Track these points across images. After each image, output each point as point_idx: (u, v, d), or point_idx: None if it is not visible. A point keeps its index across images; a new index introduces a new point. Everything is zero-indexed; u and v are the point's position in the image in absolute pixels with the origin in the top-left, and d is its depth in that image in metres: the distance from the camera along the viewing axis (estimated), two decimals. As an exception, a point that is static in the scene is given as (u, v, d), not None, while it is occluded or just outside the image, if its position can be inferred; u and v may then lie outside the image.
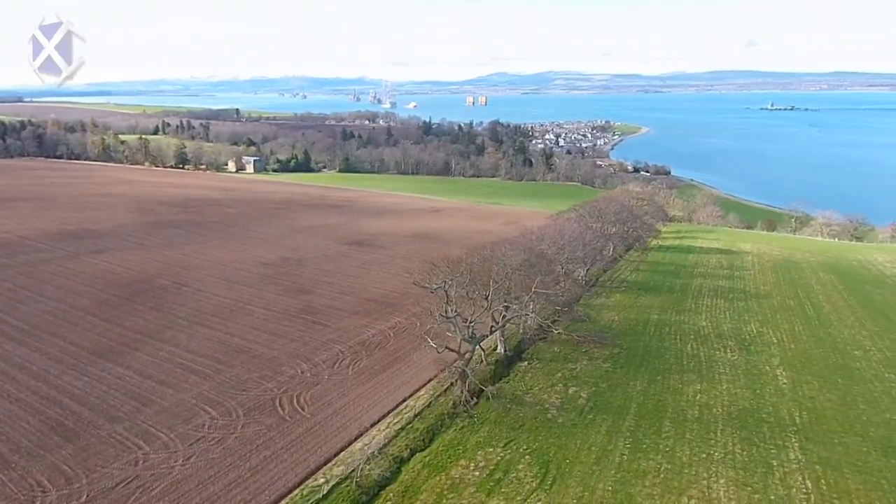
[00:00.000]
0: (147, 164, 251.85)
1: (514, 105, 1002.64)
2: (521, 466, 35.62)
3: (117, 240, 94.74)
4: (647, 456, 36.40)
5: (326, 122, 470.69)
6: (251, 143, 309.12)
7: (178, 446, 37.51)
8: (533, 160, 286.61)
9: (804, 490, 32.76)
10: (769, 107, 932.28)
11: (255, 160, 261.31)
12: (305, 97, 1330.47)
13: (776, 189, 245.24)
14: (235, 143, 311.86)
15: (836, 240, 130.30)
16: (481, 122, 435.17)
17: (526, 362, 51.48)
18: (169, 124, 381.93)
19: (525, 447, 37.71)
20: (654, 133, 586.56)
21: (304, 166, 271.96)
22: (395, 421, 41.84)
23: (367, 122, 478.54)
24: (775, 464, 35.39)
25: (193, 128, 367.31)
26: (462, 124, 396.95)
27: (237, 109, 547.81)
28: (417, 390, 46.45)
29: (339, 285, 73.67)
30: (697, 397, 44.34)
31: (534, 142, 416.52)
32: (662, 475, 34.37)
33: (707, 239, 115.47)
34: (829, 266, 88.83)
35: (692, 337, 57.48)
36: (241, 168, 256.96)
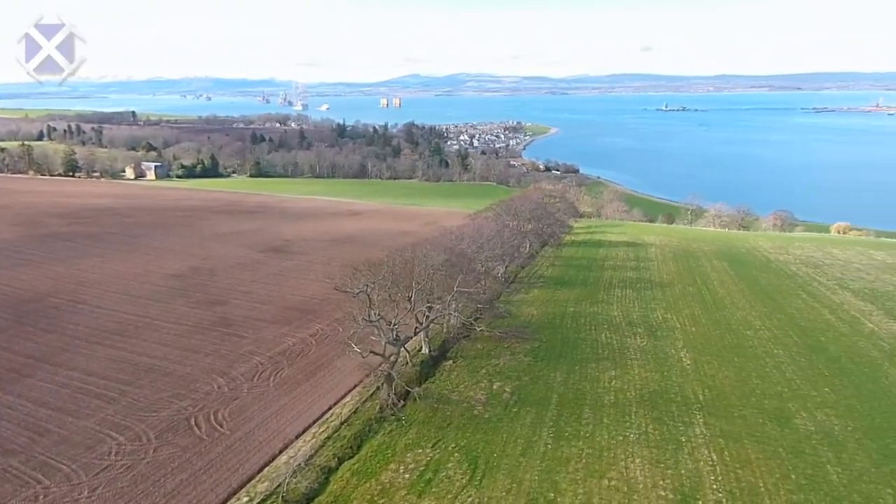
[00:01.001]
0: (32, 172, 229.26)
1: (429, 106, 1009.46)
2: (450, 465, 35.99)
3: (0, 256, 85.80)
4: (570, 443, 37.95)
5: (234, 125, 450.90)
6: (151, 147, 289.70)
7: (81, 477, 34.63)
8: (449, 161, 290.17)
9: (710, 462, 35.47)
10: (664, 108, 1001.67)
11: (156, 166, 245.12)
12: (210, 99, 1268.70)
13: (673, 184, 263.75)
14: (133, 149, 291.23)
15: (727, 229, 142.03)
16: (396, 124, 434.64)
17: (451, 361, 52.04)
18: (55, 129, 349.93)
19: (454, 445, 38.13)
20: (562, 133, 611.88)
21: (212, 171, 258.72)
22: (322, 430, 40.92)
23: (278, 124, 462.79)
24: (684, 440, 38.06)
25: (84, 132, 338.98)
26: (377, 126, 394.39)
27: (133, 112, 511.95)
28: (343, 397, 45.69)
29: (255, 294, 70.92)
30: (613, 383, 46.76)
31: (449, 143, 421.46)
32: (584, 460, 35.97)
33: (615, 233, 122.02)
34: (722, 254, 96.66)
35: (605, 326, 60.50)
36: (140, 175, 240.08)
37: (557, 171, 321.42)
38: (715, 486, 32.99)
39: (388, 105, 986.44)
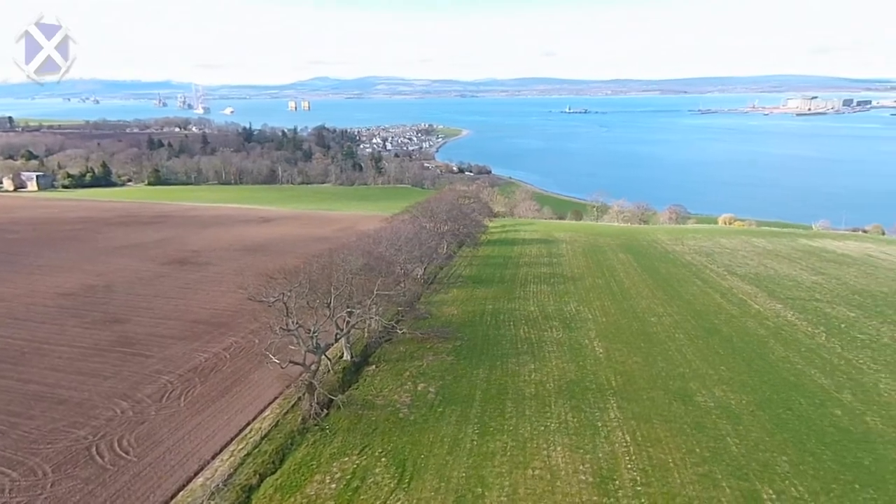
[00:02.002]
0: None
1: (339, 110, 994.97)
2: (377, 470, 35.59)
3: None
4: (495, 437, 38.74)
5: (128, 130, 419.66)
6: (32, 156, 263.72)
7: (-38, 525, 30.86)
8: (362, 164, 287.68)
9: (624, 443, 37.53)
10: (567, 110, 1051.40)
11: (38, 176, 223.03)
12: (98, 102, 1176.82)
13: (579, 182, 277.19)
14: (11, 157, 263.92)
15: (629, 224, 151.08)
16: (306, 128, 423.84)
17: (374, 366, 51.49)
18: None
19: (380, 450, 37.75)
20: (473, 135, 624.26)
21: (104, 180, 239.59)
22: (240, 448, 39.05)
23: (177, 129, 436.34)
24: (600, 425, 40.00)
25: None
26: (286, 130, 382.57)
27: (10, 118, 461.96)
28: (262, 411, 43.88)
29: (160, 310, 66.47)
30: (532, 376, 48.27)
31: (362, 146, 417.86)
32: (509, 453, 36.85)
33: (528, 231, 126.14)
34: (626, 247, 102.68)
35: (523, 322, 62.35)
36: (20, 186, 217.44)
37: (471, 172, 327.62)
38: (630, 466, 34.93)
39: (296, 108, 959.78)
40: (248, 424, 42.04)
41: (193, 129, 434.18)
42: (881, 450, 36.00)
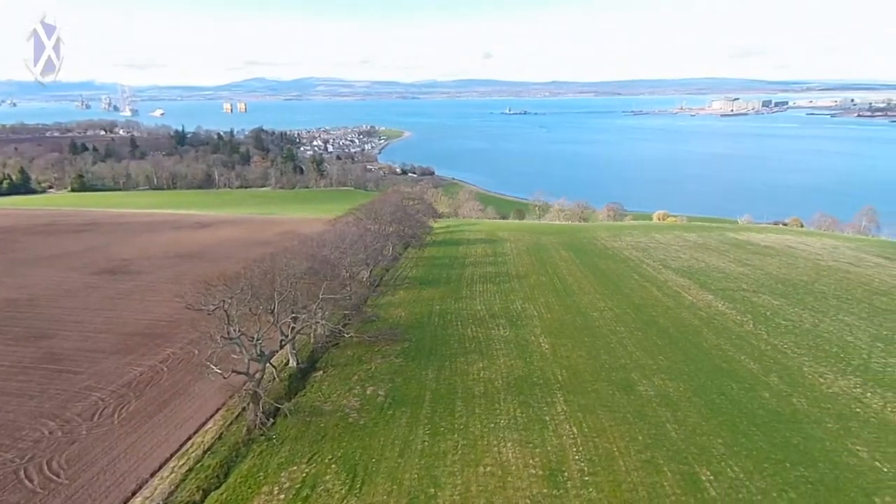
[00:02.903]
0: None
1: (277, 111, 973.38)
2: (328, 477, 34.97)
3: None
4: (446, 437, 38.86)
5: (48, 134, 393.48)
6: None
7: None
8: (304, 167, 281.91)
9: (571, 435, 38.50)
10: (507, 111, 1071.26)
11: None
12: (15, 105, 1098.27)
13: (521, 182, 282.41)
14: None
15: (570, 222, 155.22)
16: (243, 130, 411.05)
17: (321, 371, 50.57)
18: None
19: (330, 456, 37.10)
20: (416, 136, 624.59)
21: (23, 187, 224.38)
22: (181, 463, 37.42)
23: (103, 132, 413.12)
24: (548, 419, 40.86)
25: None
26: (222, 133, 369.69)
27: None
28: (204, 424, 42.22)
29: (89, 323, 62.78)
30: (481, 374, 48.74)
31: (302, 148, 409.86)
32: (460, 451, 37.05)
33: (473, 231, 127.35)
34: (568, 245, 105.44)
35: (471, 321, 62.86)
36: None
37: (414, 173, 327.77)
38: (577, 457, 35.87)
39: (231, 110, 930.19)
40: (188, 439, 40.36)
41: (121, 132, 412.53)
42: (808, 429, 38.53)
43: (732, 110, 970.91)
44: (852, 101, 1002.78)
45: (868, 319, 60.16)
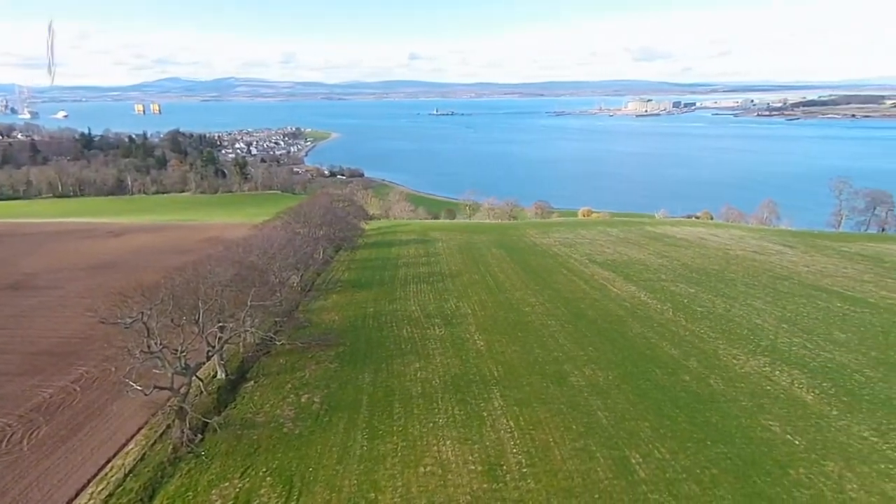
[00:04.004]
0: None
1: (195, 113, 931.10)
2: (263, 491, 33.71)
3: None
4: (385, 440, 38.47)
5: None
6: None
7: None
8: (226, 171, 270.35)
9: (509, 429, 39.18)
10: (435, 112, 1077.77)
11: None
12: None
13: (450, 182, 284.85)
14: None
15: (500, 221, 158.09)
16: (158, 133, 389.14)
17: (252, 381, 48.69)
18: None
19: (265, 469, 35.79)
20: (343, 138, 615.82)
21: None
22: (100, 489, 34.88)
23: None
24: (485, 415, 41.38)
25: None
26: (134, 135, 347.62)
27: None
28: (125, 445, 39.56)
29: (-13, 344, 57.26)
30: (418, 374, 48.65)
31: (223, 151, 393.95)
32: (400, 453, 36.80)
33: (404, 232, 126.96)
34: (498, 243, 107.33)
35: (406, 322, 62.60)
36: None
37: (343, 175, 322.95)
38: (515, 450, 36.54)
39: (144, 112, 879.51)
40: (108, 462, 37.68)
41: (19, 135, 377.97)
42: (725, 408, 41.21)
43: (647, 111, 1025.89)
44: (752, 101, 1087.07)
45: (773, 303, 65.22)
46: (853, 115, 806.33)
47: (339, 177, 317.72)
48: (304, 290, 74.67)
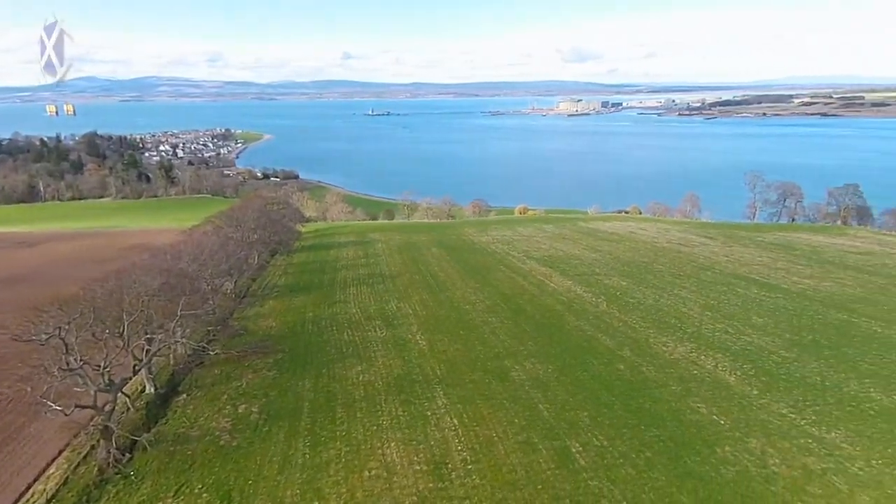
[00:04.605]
0: None
1: (113, 114, 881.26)
2: (200, 508, 32.29)
3: None
4: (328, 447, 37.73)
5: None
6: None
7: None
8: (150, 174, 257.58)
9: (453, 427, 39.38)
10: (370, 112, 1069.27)
11: None
12: None
13: (388, 182, 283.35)
14: None
15: (438, 220, 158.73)
16: (73, 135, 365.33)
17: (185, 395, 46.49)
18: None
19: (201, 485, 34.27)
20: (276, 139, 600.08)
21: None
22: (18, 520, 32.31)
23: None
24: (429, 414, 41.39)
25: None
26: (46, 138, 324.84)
27: None
28: (45, 469, 36.83)
29: None
30: (361, 377, 48.03)
31: (147, 154, 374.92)
32: (344, 459, 36.21)
33: (343, 234, 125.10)
34: (438, 242, 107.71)
35: (346, 325, 61.67)
36: None
37: (276, 177, 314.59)
38: (460, 448, 36.78)
39: (57, 113, 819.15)
40: (28, 489, 34.95)
41: None
42: (657, 394, 43.14)
43: (577, 110, 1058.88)
44: (674, 101, 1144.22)
45: (698, 292, 68.93)
46: (764, 114, 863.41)
47: (272, 179, 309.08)
48: (238, 296, 72.11)
